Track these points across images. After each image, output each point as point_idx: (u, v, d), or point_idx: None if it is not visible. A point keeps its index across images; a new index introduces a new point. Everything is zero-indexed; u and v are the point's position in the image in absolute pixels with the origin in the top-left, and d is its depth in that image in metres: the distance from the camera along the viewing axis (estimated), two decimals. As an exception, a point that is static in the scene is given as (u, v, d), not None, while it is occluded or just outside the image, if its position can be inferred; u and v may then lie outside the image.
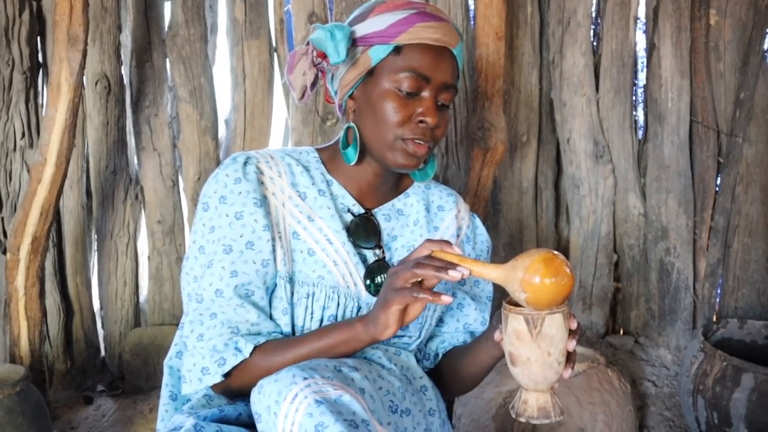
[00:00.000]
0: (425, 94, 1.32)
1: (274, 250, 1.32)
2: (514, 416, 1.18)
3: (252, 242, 1.29)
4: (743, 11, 2.89)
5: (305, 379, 1.07)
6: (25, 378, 2.37)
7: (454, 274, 1.12)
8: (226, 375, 1.25)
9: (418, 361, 1.53)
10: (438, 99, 1.34)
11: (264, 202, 1.33)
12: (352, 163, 1.38)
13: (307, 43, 1.39)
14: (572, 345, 1.16)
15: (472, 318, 1.55)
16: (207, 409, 1.25)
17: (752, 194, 2.96)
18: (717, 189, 3.00)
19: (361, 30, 1.34)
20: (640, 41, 3.08)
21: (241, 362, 1.25)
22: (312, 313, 1.33)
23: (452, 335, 1.56)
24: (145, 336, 3.04)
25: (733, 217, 2.98)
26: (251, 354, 1.25)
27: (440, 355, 1.56)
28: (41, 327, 2.69)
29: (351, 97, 1.39)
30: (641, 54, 3.12)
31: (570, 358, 1.18)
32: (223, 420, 1.22)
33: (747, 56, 2.88)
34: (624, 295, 3.18)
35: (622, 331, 3.22)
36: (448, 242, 1.17)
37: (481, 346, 1.39)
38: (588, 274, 3.11)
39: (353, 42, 1.34)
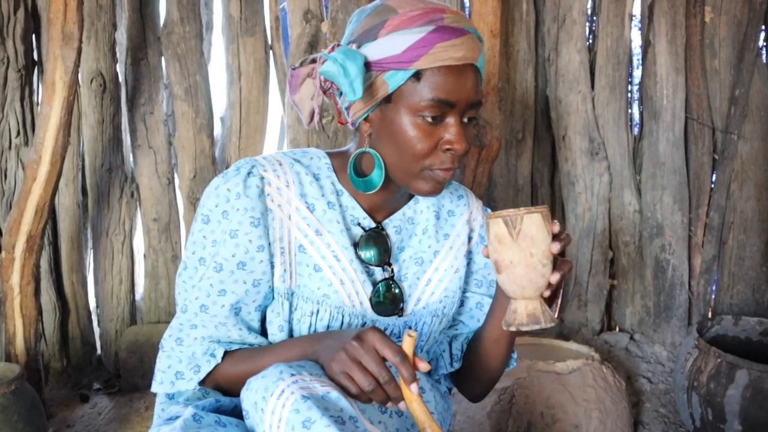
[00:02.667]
0: (450, 120, 1.23)
1: (272, 267, 1.29)
2: (505, 328, 1.18)
3: (244, 262, 1.26)
4: (738, 8, 2.90)
5: (292, 375, 1.07)
6: (20, 376, 2.37)
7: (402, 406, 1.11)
8: (201, 381, 1.28)
9: (430, 372, 1.51)
10: (463, 117, 1.25)
11: (263, 218, 1.27)
12: (375, 191, 1.30)
13: (311, 61, 1.31)
14: (556, 247, 1.15)
15: None
16: (203, 401, 1.26)
17: (747, 191, 2.97)
18: (712, 186, 3.00)
19: (373, 53, 1.22)
20: (636, 38, 3.09)
21: (214, 368, 1.26)
22: (315, 332, 1.30)
23: (473, 331, 1.55)
24: (141, 334, 3.04)
25: (728, 213, 2.99)
26: (222, 359, 1.26)
27: (465, 348, 1.54)
28: (37, 325, 2.69)
29: (366, 119, 1.29)
30: (636, 51, 3.13)
31: (560, 266, 1.19)
32: (219, 410, 1.22)
33: (742, 53, 2.88)
34: (619, 292, 3.18)
35: (617, 328, 3.23)
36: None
37: (495, 308, 1.40)
38: (583, 271, 3.12)
39: (366, 66, 1.22)
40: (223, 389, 1.29)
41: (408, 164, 1.25)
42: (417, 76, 1.20)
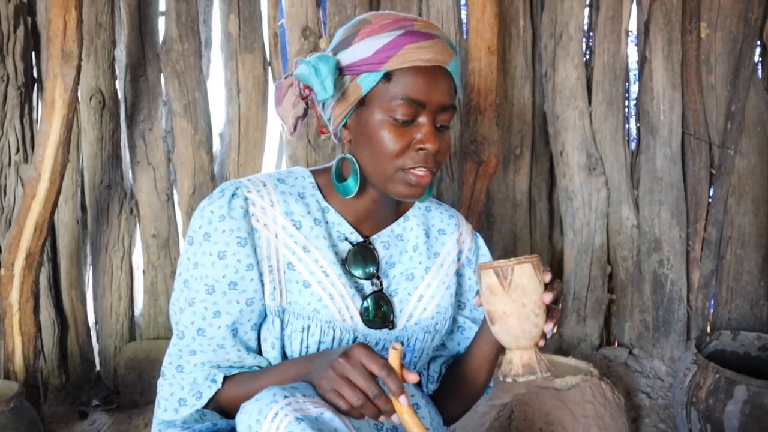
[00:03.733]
0: (422, 119, 1.26)
1: (262, 286, 1.30)
2: (501, 379, 1.19)
3: (235, 282, 1.27)
4: (733, 24, 2.92)
5: (286, 397, 1.08)
6: (18, 394, 2.37)
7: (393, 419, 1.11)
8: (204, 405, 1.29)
9: (421, 385, 1.53)
10: (436, 121, 1.27)
11: (250, 238, 1.29)
12: (351, 196, 1.33)
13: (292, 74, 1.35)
14: (548, 297, 1.17)
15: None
16: (201, 424, 1.26)
17: (744, 206, 2.97)
18: (710, 200, 3.01)
19: (347, 58, 1.27)
20: (632, 54, 3.10)
21: (216, 392, 1.28)
22: (307, 347, 1.31)
23: (453, 355, 1.57)
24: (140, 350, 3.03)
25: (726, 228, 2.99)
26: (223, 384, 1.28)
27: (443, 372, 1.56)
28: (36, 342, 2.69)
29: (345, 126, 1.33)
30: (633, 67, 3.14)
31: (552, 314, 1.20)
32: None
33: (738, 69, 2.90)
34: (618, 307, 3.18)
35: (616, 343, 3.23)
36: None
37: (480, 335, 1.41)
38: (582, 286, 3.12)
39: (340, 71, 1.28)
40: (223, 410, 1.29)
41: (382, 165, 1.27)
42: (388, 77, 1.24)
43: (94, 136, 2.99)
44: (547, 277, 1.19)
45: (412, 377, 1.11)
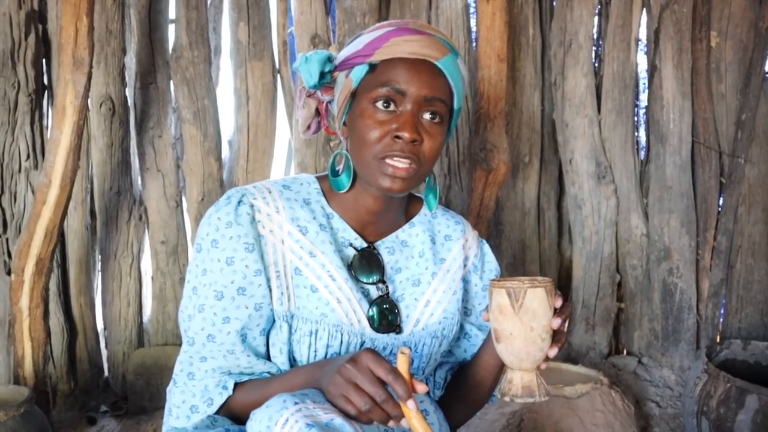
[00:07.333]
0: (402, 108, 1.27)
1: (270, 292, 1.31)
2: (499, 396, 1.20)
3: (243, 288, 1.28)
4: (744, 33, 2.91)
5: (296, 403, 1.08)
6: (29, 399, 2.37)
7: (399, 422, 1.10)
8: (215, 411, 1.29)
9: (429, 392, 1.52)
10: (420, 114, 1.28)
11: (257, 244, 1.30)
12: (344, 191, 1.35)
13: None
14: (557, 323, 1.17)
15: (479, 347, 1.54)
16: (212, 430, 1.27)
17: (755, 215, 2.96)
18: (719, 209, 3.00)
19: (342, 54, 1.33)
20: (642, 62, 3.10)
21: (227, 399, 1.28)
22: (315, 352, 1.31)
23: (460, 362, 1.57)
24: (149, 356, 3.04)
25: (736, 237, 2.98)
26: (234, 390, 1.28)
27: (449, 378, 1.57)
28: (45, 348, 2.69)
29: (345, 124, 1.37)
30: (642, 75, 3.14)
31: (558, 338, 1.20)
32: None
33: (748, 77, 2.89)
34: (627, 316, 3.17)
35: (625, 352, 3.22)
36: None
37: (485, 347, 1.41)
38: (591, 295, 3.11)
39: (336, 67, 1.33)
40: (235, 416, 1.29)
41: (363, 154, 1.29)
42: (374, 68, 1.29)
43: (104, 143, 3.00)
44: (558, 302, 1.19)
45: (421, 387, 1.11)
